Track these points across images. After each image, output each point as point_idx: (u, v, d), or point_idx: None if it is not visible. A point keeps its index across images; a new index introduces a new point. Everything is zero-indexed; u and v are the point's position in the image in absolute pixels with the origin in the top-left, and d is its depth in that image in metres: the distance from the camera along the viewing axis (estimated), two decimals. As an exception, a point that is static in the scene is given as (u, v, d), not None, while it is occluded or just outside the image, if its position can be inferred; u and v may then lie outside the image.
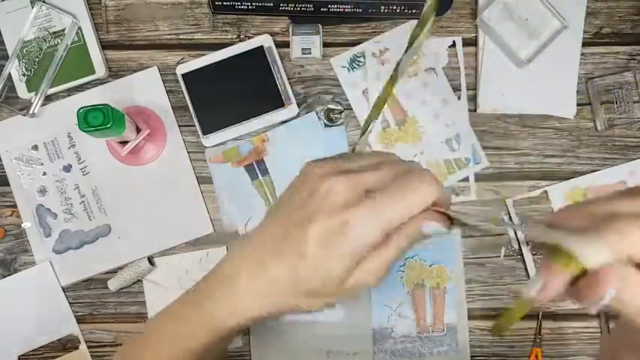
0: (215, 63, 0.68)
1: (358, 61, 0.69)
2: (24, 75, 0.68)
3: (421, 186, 0.31)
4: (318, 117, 0.69)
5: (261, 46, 0.68)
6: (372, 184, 0.32)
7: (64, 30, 0.68)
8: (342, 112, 0.69)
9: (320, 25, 0.68)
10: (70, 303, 0.69)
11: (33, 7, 0.67)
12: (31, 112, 0.68)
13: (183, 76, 0.68)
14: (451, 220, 0.33)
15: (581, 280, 0.25)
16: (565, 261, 0.25)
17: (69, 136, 0.69)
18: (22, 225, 0.69)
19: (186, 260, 0.69)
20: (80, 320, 0.69)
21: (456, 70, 0.69)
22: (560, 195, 0.68)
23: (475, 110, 0.69)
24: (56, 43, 0.68)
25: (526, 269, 0.68)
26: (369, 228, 0.31)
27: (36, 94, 0.67)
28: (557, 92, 0.69)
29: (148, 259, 0.68)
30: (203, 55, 0.69)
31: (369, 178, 0.32)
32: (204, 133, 0.68)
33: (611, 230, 0.25)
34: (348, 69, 0.69)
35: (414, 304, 0.68)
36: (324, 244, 0.31)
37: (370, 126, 0.38)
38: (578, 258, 0.24)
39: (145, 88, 0.69)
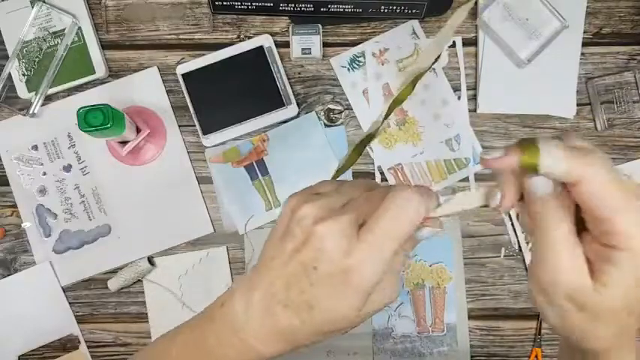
0: (215, 63, 0.68)
1: (358, 61, 0.69)
2: (24, 75, 0.68)
3: (410, 205, 0.31)
4: (318, 117, 0.69)
5: (261, 46, 0.68)
6: (364, 219, 0.32)
7: (64, 30, 0.68)
8: (342, 112, 0.69)
9: (320, 25, 0.68)
10: (70, 303, 0.68)
11: (33, 7, 0.67)
12: (31, 112, 0.67)
13: (183, 76, 0.68)
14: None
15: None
16: (529, 151, 0.29)
17: (69, 136, 0.69)
18: (22, 225, 0.69)
19: (186, 260, 0.69)
20: (80, 320, 0.69)
21: (456, 70, 0.69)
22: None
23: (475, 110, 0.69)
24: (56, 43, 0.68)
25: (526, 269, 0.68)
26: (373, 267, 0.31)
27: (36, 94, 0.67)
28: (557, 92, 0.69)
29: (148, 259, 0.68)
30: (203, 55, 0.69)
31: (360, 214, 0.32)
32: (204, 133, 0.68)
33: (580, 155, 0.28)
34: (348, 69, 0.69)
35: (414, 304, 0.68)
36: (331, 292, 0.31)
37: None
38: (539, 155, 0.28)
39: (145, 88, 0.69)
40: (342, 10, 0.67)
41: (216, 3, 0.67)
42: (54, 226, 0.68)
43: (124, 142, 0.65)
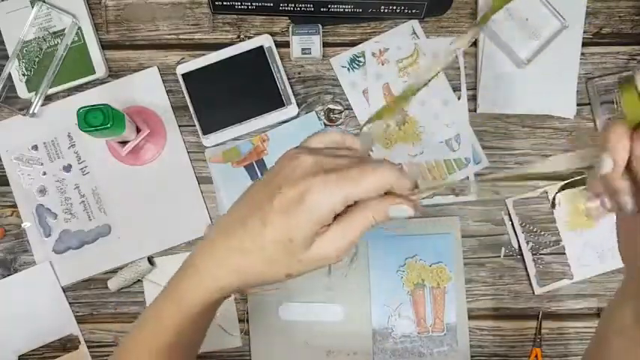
0: (215, 63, 0.68)
1: (358, 61, 0.69)
2: (24, 75, 0.68)
3: (377, 169, 0.34)
4: (318, 117, 0.69)
5: (261, 46, 0.68)
6: (333, 165, 0.35)
7: (64, 30, 0.68)
8: (342, 112, 0.69)
9: (320, 25, 0.68)
10: (70, 303, 0.69)
11: (33, 7, 0.67)
12: (31, 112, 0.68)
13: (183, 76, 0.68)
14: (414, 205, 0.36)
15: None
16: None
17: (69, 136, 0.69)
18: (22, 225, 0.69)
19: (186, 260, 0.69)
20: (80, 320, 0.69)
21: (456, 70, 0.69)
22: (560, 195, 0.68)
23: (475, 110, 0.69)
24: (56, 43, 0.68)
25: (526, 269, 0.68)
26: (326, 196, 0.34)
27: (36, 94, 0.67)
28: (557, 92, 0.69)
29: (148, 259, 0.68)
30: (203, 55, 0.69)
31: (332, 160, 0.36)
32: (204, 133, 0.68)
33: None
34: (348, 69, 0.69)
35: (414, 304, 0.68)
36: (285, 211, 0.34)
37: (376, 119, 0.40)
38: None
39: (145, 88, 0.69)
40: (342, 10, 0.67)
41: (216, 3, 0.67)
42: (54, 226, 0.68)
43: (124, 142, 0.65)
